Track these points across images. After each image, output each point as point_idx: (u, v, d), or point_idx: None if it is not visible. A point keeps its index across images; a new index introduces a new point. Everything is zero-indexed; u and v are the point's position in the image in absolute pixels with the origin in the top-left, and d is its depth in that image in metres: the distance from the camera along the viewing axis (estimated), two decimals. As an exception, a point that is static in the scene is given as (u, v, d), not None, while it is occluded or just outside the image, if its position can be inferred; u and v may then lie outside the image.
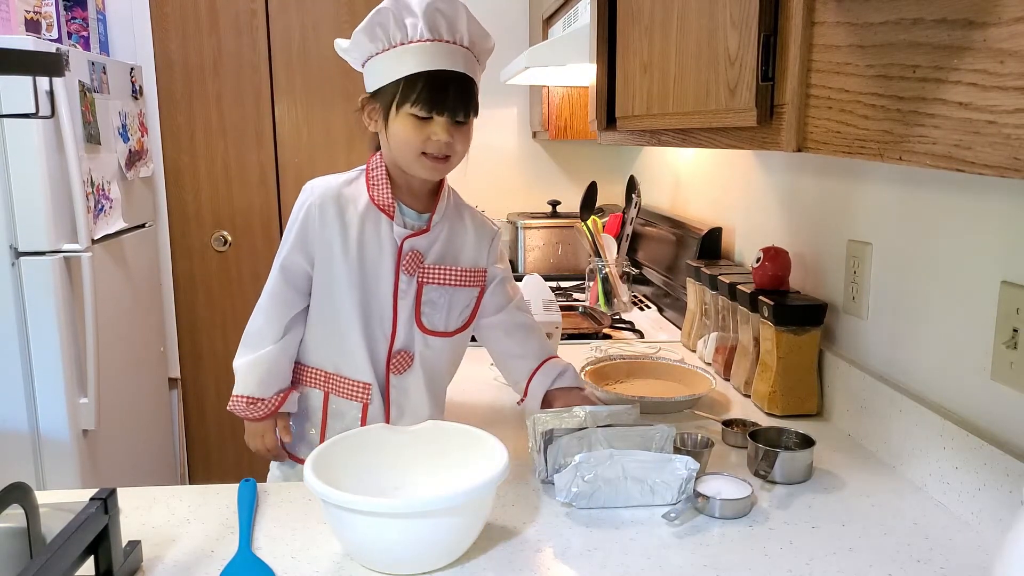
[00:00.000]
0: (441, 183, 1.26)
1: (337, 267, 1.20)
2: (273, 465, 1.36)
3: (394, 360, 1.24)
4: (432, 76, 1.13)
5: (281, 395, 1.24)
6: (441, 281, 1.24)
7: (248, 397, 1.22)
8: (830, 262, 1.40)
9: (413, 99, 1.13)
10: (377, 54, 1.16)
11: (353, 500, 0.85)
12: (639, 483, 1.03)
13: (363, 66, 1.20)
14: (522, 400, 1.31)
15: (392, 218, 1.21)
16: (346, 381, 1.25)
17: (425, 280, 1.23)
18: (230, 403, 1.24)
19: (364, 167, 1.25)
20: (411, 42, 1.13)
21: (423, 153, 1.16)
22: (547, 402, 1.28)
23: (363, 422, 1.24)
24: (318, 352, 1.27)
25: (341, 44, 1.23)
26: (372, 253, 1.21)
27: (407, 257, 1.21)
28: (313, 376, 1.27)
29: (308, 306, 1.25)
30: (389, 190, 1.21)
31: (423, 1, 1.12)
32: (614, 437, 1.09)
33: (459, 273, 1.25)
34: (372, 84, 1.19)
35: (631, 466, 1.03)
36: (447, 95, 1.14)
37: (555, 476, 1.05)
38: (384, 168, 1.22)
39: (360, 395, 1.24)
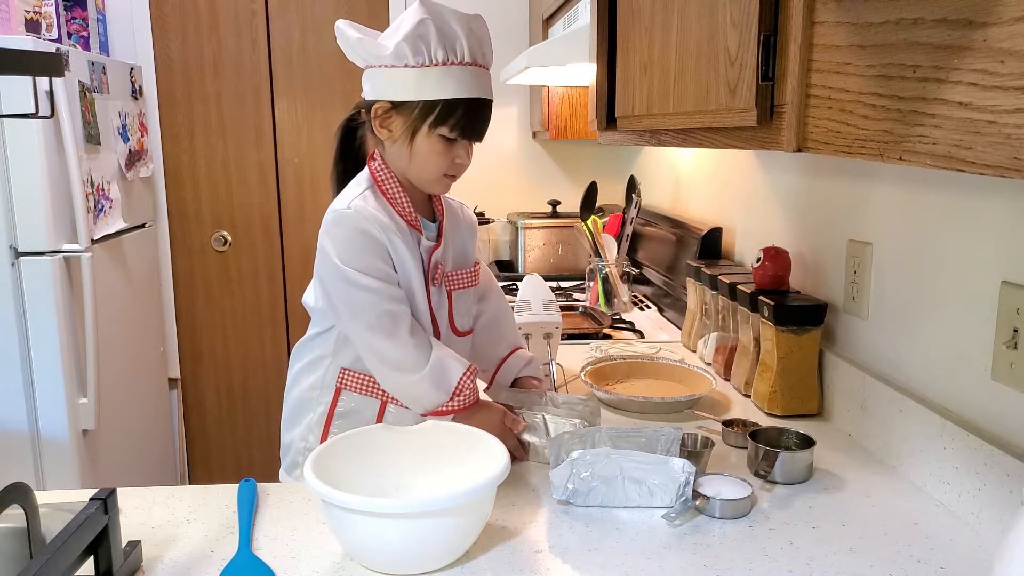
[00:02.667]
0: None
1: (408, 283, 1.18)
2: (287, 466, 1.31)
3: None
4: (472, 103, 1.13)
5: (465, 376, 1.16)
6: (465, 285, 1.27)
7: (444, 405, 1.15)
8: (830, 262, 1.40)
9: (452, 123, 1.12)
10: (411, 67, 1.11)
11: (353, 500, 0.85)
12: (637, 484, 1.03)
13: (371, 67, 1.16)
14: (488, 388, 1.33)
15: (421, 232, 1.20)
16: None
17: (452, 287, 1.25)
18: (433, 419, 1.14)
19: (368, 180, 1.20)
20: (453, 63, 1.11)
21: (445, 174, 1.17)
22: (513, 386, 1.32)
23: None
24: None
25: (348, 33, 1.17)
26: (408, 268, 1.18)
27: (436, 270, 1.22)
28: (371, 386, 1.23)
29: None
30: (410, 204, 1.19)
31: (460, 19, 1.11)
32: (618, 437, 1.09)
33: (471, 274, 1.28)
34: (395, 94, 1.14)
35: (628, 466, 1.03)
36: (482, 122, 1.15)
37: (551, 472, 1.05)
38: (395, 180, 1.19)
39: None
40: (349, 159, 1.28)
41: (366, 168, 1.22)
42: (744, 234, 1.84)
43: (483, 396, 1.24)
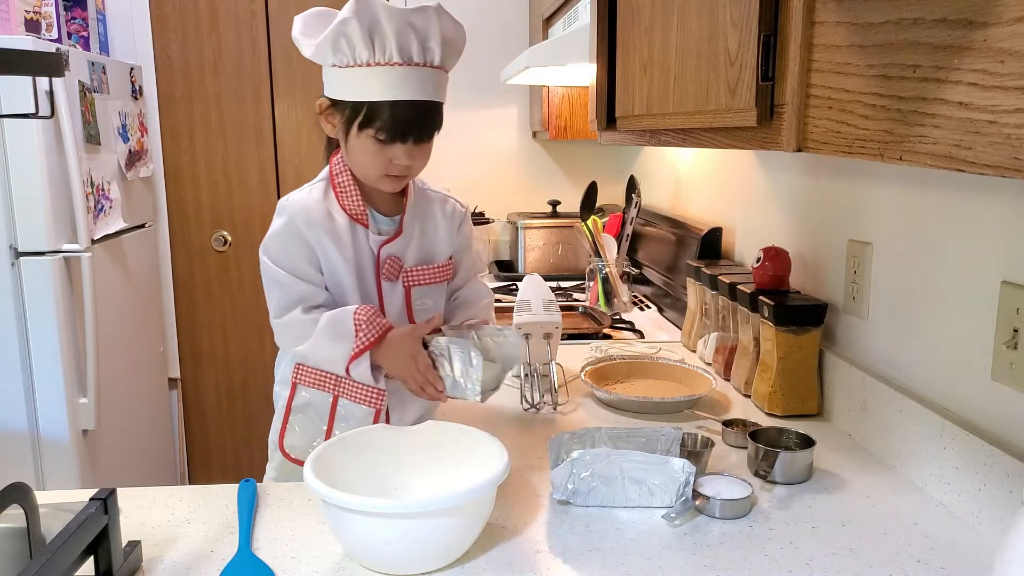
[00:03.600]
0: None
1: (341, 279, 1.19)
2: (269, 467, 1.35)
3: None
4: (398, 106, 1.08)
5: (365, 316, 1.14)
6: (428, 281, 1.24)
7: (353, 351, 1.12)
8: (830, 262, 1.40)
9: (378, 126, 1.09)
10: (338, 67, 1.09)
11: (354, 501, 0.85)
12: (637, 484, 1.03)
13: (323, 66, 1.14)
14: None
15: (367, 227, 1.18)
16: (356, 385, 1.22)
17: (411, 283, 1.23)
18: (358, 370, 1.14)
19: (328, 174, 1.21)
20: (378, 64, 1.06)
21: (385, 175, 1.14)
22: None
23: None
24: None
25: (293, 31, 1.15)
26: (359, 262, 1.19)
27: (386, 264, 1.20)
28: (321, 379, 1.24)
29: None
30: (359, 197, 1.18)
31: (394, 15, 1.04)
32: (618, 437, 1.09)
33: (441, 269, 1.25)
34: (331, 92, 1.13)
35: (628, 466, 1.03)
36: (415, 123, 1.10)
37: (552, 472, 1.05)
38: (349, 174, 1.18)
39: (372, 399, 1.22)
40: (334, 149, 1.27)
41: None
42: (744, 234, 1.84)
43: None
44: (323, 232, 1.16)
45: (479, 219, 2.88)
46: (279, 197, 3.11)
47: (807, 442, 1.15)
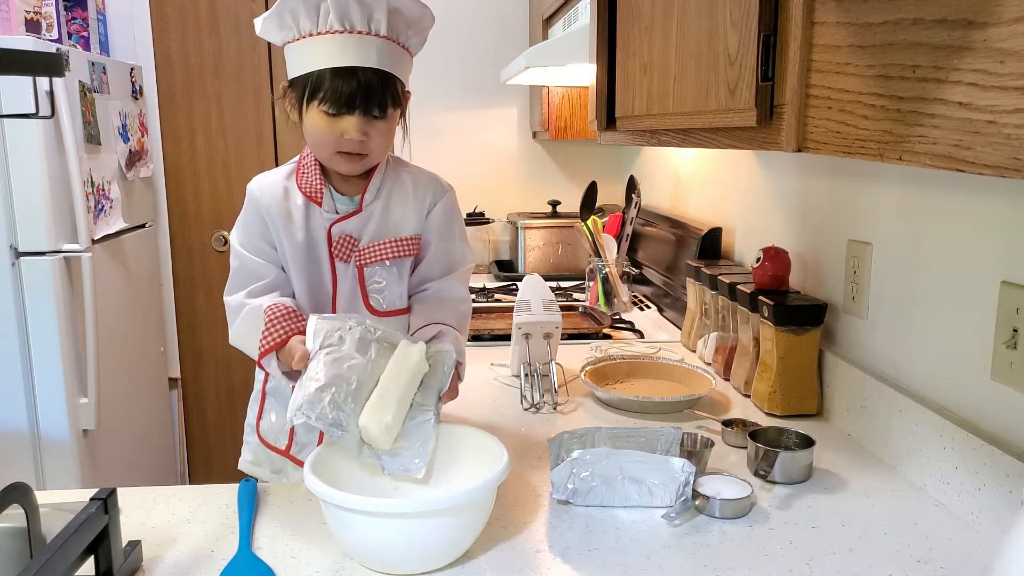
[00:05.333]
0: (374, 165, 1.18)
1: (288, 257, 1.16)
2: (245, 449, 1.31)
3: None
4: (339, 72, 1.06)
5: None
6: (379, 258, 1.17)
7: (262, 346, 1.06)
8: (830, 262, 1.40)
9: (321, 96, 1.07)
10: (288, 43, 1.09)
11: (354, 500, 0.85)
12: (637, 483, 1.03)
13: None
14: None
15: (320, 205, 1.16)
16: None
17: (363, 262, 1.17)
18: (270, 367, 1.07)
19: (299, 156, 1.20)
20: (319, 33, 1.06)
21: (338, 152, 1.11)
22: None
23: None
24: None
25: (257, 25, 1.15)
26: (312, 243, 1.16)
27: (337, 243, 1.16)
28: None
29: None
30: (319, 177, 1.16)
31: None
32: (618, 437, 1.09)
33: (396, 244, 1.18)
34: (289, 71, 1.13)
35: (629, 466, 1.03)
36: (355, 93, 1.06)
37: (552, 472, 1.05)
38: (313, 156, 1.17)
39: None
40: None
41: None
42: (744, 234, 1.84)
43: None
44: (276, 212, 1.15)
45: (479, 219, 2.88)
46: (279, 197, 3.14)
47: (807, 442, 1.15)
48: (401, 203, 1.19)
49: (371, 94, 1.07)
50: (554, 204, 2.94)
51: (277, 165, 3.06)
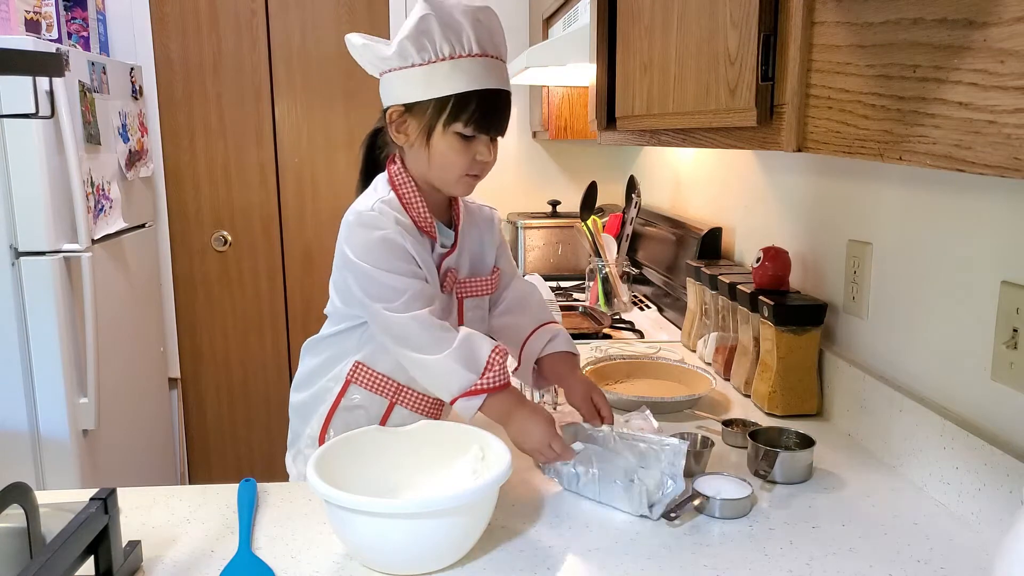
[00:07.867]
0: None
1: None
2: (297, 460, 1.28)
3: None
4: (486, 95, 1.09)
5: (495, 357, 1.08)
6: (479, 293, 1.24)
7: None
8: (830, 262, 1.40)
9: (466, 118, 1.08)
10: (418, 65, 1.08)
11: (357, 501, 0.85)
12: (626, 481, 1.02)
13: (384, 73, 1.13)
14: (516, 369, 1.26)
15: (436, 239, 1.16)
16: (418, 396, 1.20)
17: (464, 294, 1.22)
18: (464, 404, 1.06)
19: (386, 184, 1.17)
20: (461, 56, 1.08)
21: (467, 174, 1.13)
22: (540, 369, 1.25)
23: None
24: (390, 360, 1.17)
25: (355, 41, 1.15)
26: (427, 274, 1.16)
27: (447, 277, 1.19)
28: (382, 384, 1.20)
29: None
30: (426, 207, 1.15)
31: (466, 12, 1.07)
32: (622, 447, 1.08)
33: (490, 281, 1.25)
34: (407, 96, 1.11)
35: (621, 463, 1.03)
36: (499, 115, 1.12)
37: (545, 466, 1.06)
38: (412, 186, 1.15)
39: (430, 410, 1.21)
40: (372, 170, 1.24)
41: (384, 173, 1.19)
42: (744, 234, 1.84)
43: (528, 394, 1.19)
44: (412, 243, 1.12)
45: (479, 219, 2.88)
46: (279, 197, 3.14)
47: (807, 442, 1.15)
48: (479, 234, 1.26)
49: (505, 117, 1.14)
50: (554, 204, 2.94)
51: (277, 165, 3.10)
